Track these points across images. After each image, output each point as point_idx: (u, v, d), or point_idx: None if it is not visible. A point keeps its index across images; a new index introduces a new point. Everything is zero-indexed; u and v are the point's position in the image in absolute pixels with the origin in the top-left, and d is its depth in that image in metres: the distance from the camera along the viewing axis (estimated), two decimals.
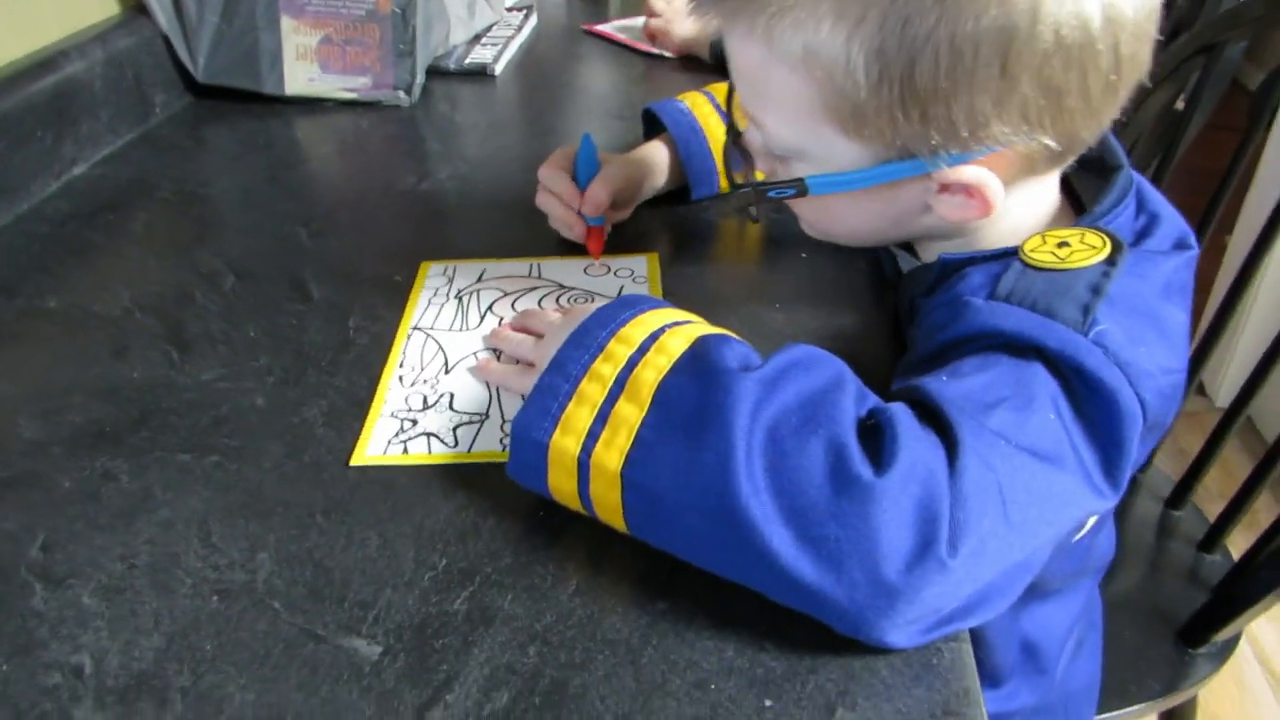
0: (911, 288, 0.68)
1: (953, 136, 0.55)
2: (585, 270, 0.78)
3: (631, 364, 0.52)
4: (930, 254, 0.68)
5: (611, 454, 0.49)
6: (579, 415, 0.51)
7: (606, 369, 0.52)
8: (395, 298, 0.75)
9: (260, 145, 1.06)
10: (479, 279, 0.77)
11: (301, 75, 1.14)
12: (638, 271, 0.77)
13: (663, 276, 0.76)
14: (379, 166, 1.00)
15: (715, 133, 0.86)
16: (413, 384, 0.65)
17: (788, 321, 0.70)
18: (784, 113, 0.58)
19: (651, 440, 0.48)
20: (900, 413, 0.47)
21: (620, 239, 0.82)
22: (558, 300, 0.73)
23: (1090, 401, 0.51)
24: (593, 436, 0.50)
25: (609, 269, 0.77)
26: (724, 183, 0.87)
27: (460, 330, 0.71)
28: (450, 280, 0.77)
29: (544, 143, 1.06)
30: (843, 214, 0.64)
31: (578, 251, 0.79)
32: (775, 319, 0.71)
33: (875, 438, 0.47)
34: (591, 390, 0.52)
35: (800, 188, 0.60)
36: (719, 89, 0.90)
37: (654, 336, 0.53)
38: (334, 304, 0.74)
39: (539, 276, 0.77)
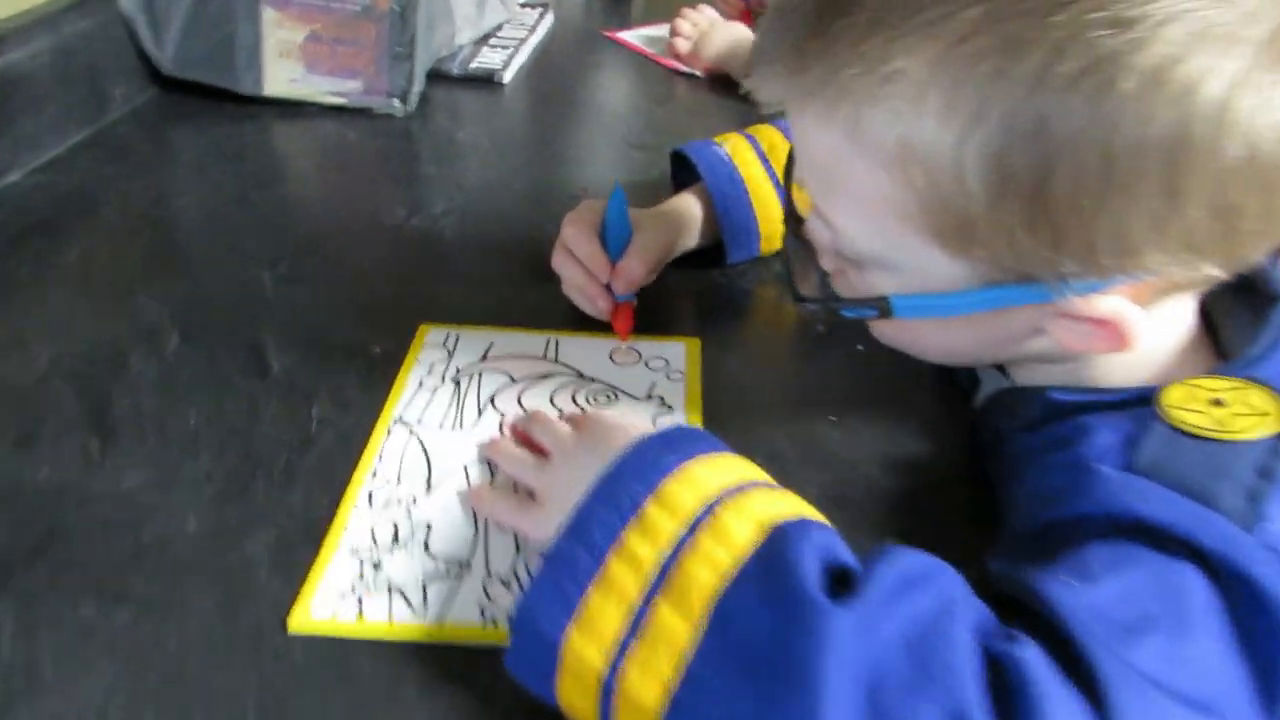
0: (999, 415, 0.55)
1: (1090, 263, 0.42)
2: (611, 356, 0.65)
3: (678, 548, 0.39)
4: (1026, 376, 0.55)
5: (649, 684, 0.37)
6: (605, 612, 0.39)
7: (644, 549, 0.40)
8: (371, 378, 0.62)
9: (230, 155, 0.92)
10: (484, 355, 0.64)
11: (283, 75, 1.00)
12: (673, 362, 0.64)
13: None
14: (364, 192, 0.87)
15: (758, 187, 0.73)
16: (385, 504, 0.52)
17: (846, 442, 0.58)
18: (865, 214, 0.45)
19: (706, 678, 0.36)
20: (1034, 666, 0.35)
21: (642, 309, 0.69)
22: (574, 398, 0.61)
23: (1253, 617, 0.39)
24: (623, 649, 0.38)
25: (639, 356, 0.65)
26: (765, 246, 0.75)
27: (453, 428, 0.58)
28: (450, 354, 0.64)
29: (555, 172, 0.92)
30: (930, 335, 0.52)
31: (601, 326, 0.66)
32: (831, 438, 0.58)
33: (1005, 698, 0.35)
34: (622, 576, 0.39)
35: (883, 309, 0.47)
36: (763, 134, 0.77)
37: (709, 509, 0.41)
38: (296, 382, 0.61)
39: (555, 359, 0.64)
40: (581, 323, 0.67)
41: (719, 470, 0.43)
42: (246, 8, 0.97)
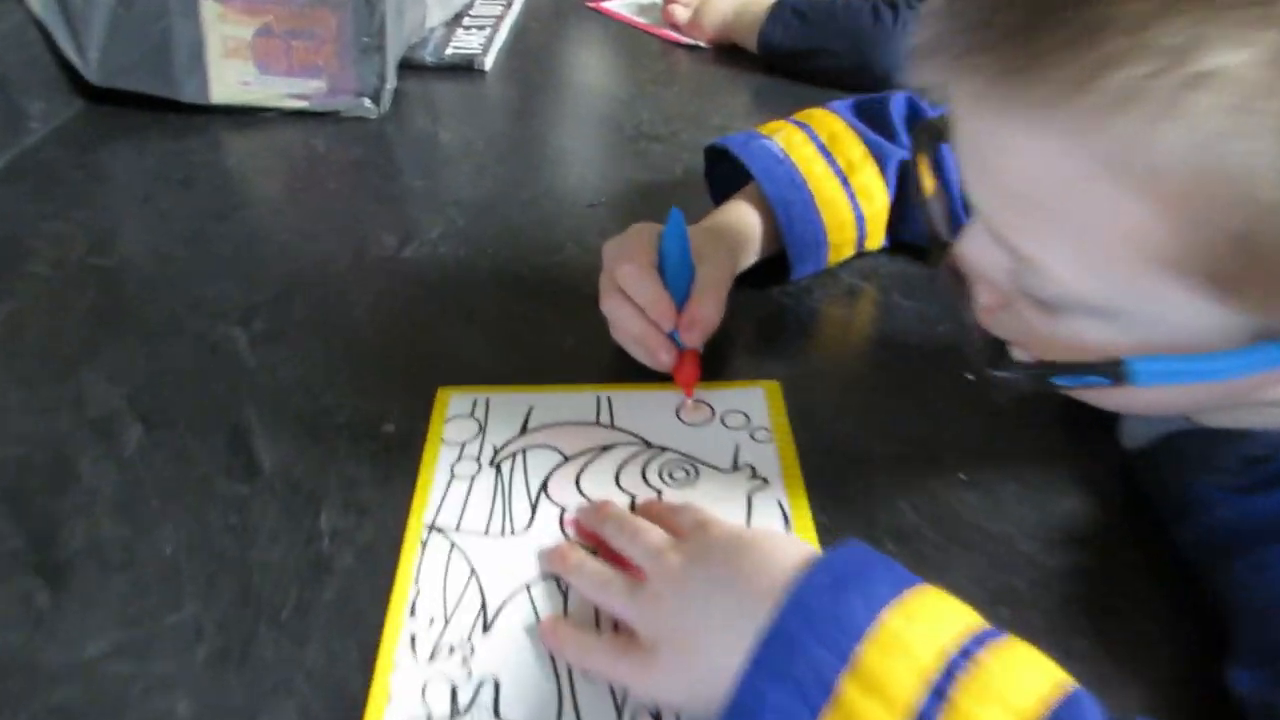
0: (1176, 461, 0.45)
1: None
2: (678, 412, 0.53)
3: None
4: (1218, 416, 0.45)
5: None
6: None
7: None
8: (389, 468, 0.50)
9: (177, 180, 0.78)
10: (523, 427, 0.52)
11: (233, 78, 0.85)
12: (754, 415, 0.53)
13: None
14: (345, 216, 0.74)
15: (823, 188, 0.61)
16: (433, 653, 0.40)
17: (986, 508, 0.47)
18: (1094, 252, 0.34)
19: None
20: None
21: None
22: (644, 475, 0.49)
23: None
24: None
25: (712, 412, 0.53)
26: (833, 256, 0.63)
27: (502, 533, 0.46)
28: (481, 427, 0.52)
29: (561, 176, 0.80)
30: (1152, 396, 0.40)
31: (659, 374, 0.55)
32: (967, 504, 0.47)
33: None
34: None
35: (1117, 375, 0.36)
36: (819, 121, 0.65)
37: (937, 696, 0.30)
38: (295, 481, 0.49)
39: (611, 422, 0.52)
40: (633, 370, 0.55)
41: (925, 622, 0.32)
42: (181, 2, 0.82)
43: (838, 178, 0.62)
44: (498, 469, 0.50)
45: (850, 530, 0.46)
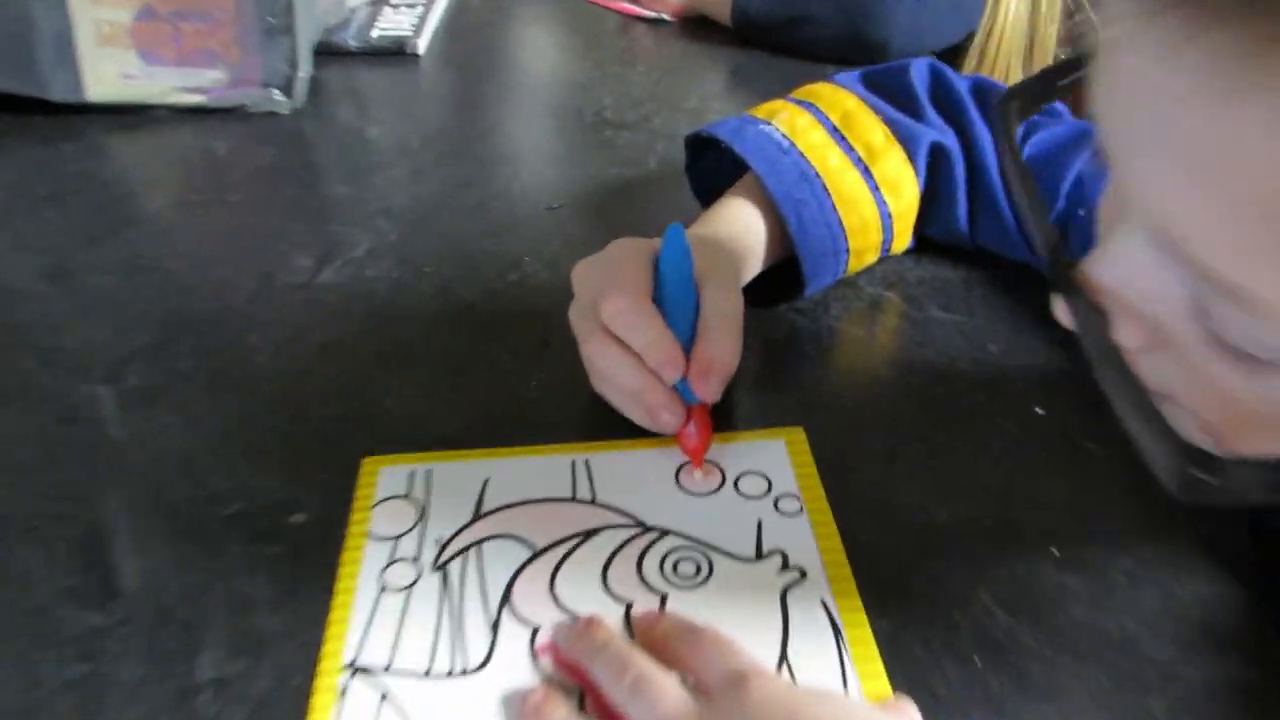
0: None
1: None
2: (678, 476, 0.41)
3: None
4: None
5: None
6: None
7: None
8: (294, 579, 0.37)
9: (42, 196, 0.64)
10: (476, 511, 0.40)
11: (111, 70, 0.71)
12: (778, 478, 0.41)
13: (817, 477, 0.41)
14: (248, 235, 0.60)
15: (839, 182, 0.49)
16: None
17: (1094, 594, 0.36)
18: None
19: None
20: None
21: None
22: (641, 572, 0.37)
23: None
24: None
25: (722, 477, 0.41)
26: (854, 263, 0.51)
27: (452, 675, 0.33)
28: (422, 510, 0.40)
29: (513, 175, 0.67)
30: None
31: (647, 431, 0.43)
32: (1069, 590, 0.36)
33: None
34: None
35: None
36: (826, 98, 0.53)
37: None
38: (166, 605, 0.36)
39: (593, 496, 0.40)
40: (616, 422, 0.43)
41: None
42: None
43: (857, 168, 0.50)
44: (443, 574, 0.37)
45: (924, 642, 0.34)
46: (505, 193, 0.64)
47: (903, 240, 0.52)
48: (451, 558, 0.38)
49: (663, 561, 0.38)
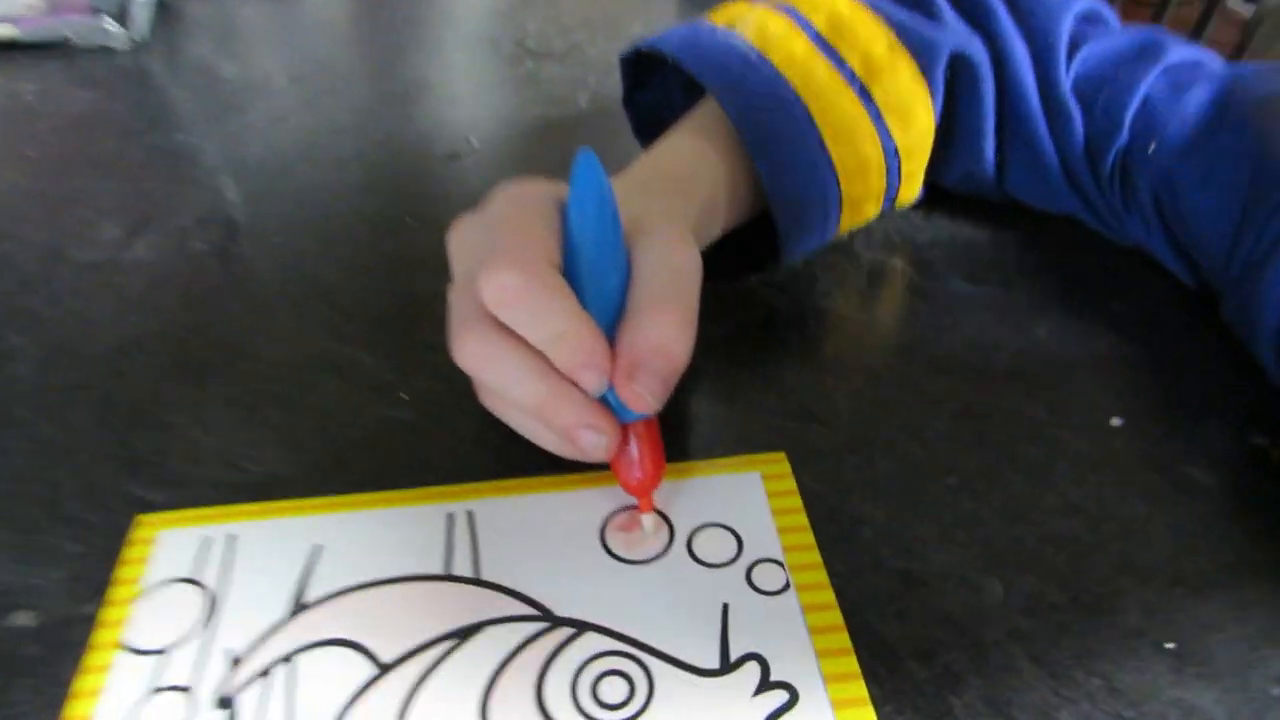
0: None
1: None
2: (603, 538, 0.28)
3: None
4: None
5: None
6: None
7: None
8: (14, 714, 0.23)
9: None
10: (295, 598, 0.26)
11: None
12: (752, 534, 0.28)
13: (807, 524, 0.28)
14: (40, 201, 0.45)
15: (826, 104, 0.36)
16: None
17: (1194, 667, 0.23)
18: None
19: None
20: None
21: None
22: (541, 688, 0.24)
23: None
24: None
25: (669, 535, 0.28)
26: (849, 217, 0.38)
27: None
28: (211, 605, 0.26)
29: (408, 114, 0.52)
30: None
31: (573, 466, 0.29)
32: (1163, 667, 0.23)
33: None
34: None
35: None
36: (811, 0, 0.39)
37: None
38: None
39: (476, 574, 0.26)
40: (521, 455, 0.29)
41: None
42: None
43: (851, 87, 0.36)
44: (231, 713, 0.23)
45: None
46: (392, 140, 0.49)
47: (912, 186, 0.39)
48: (247, 683, 0.24)
49: (577, 677, 0.24)
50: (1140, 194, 0.37)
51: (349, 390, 0.33)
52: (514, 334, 0.27)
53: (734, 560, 0.27)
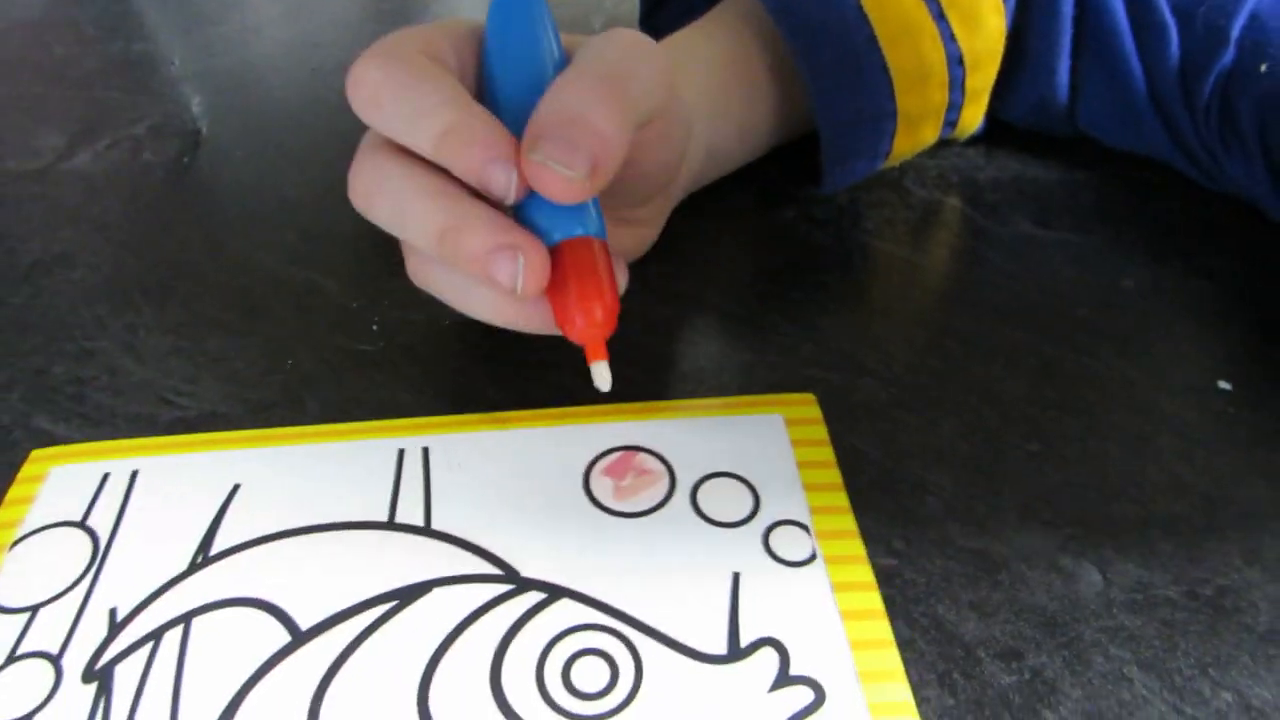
0: None
1: None
2: (586, 482, 0.22)
3: None
4: None
5: None
6: None
7: None
8: None
9: None
10: (201, 546, 0.21)
11: None
12: (772, 484, 0.22)
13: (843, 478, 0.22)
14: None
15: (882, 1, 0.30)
16: None
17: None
18: None
19: None
20: None
21: (638, 318, 0.27)
22: (497, 670, 0.18)
23: None
24: None
25: (670, 483, 0.22)
26: (904, 139, 0.32)
27: None
28: (95, 552, 0.21)
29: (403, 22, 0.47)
30: None
31: (542, 384, 0.24)
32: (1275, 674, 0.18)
33: None
34: None
35: None
36: None
37: None
38: None
39: (426, 523, 0.21)
40: (500, 392, 0.24)
41: None
42: None
43: None
44: (103, 686, 0.18)
45: None
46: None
47: (977, 108, 0.34)
48: (128, 651, 0.19)
49: (545, 656, 0.19)
50: (1243, 124, 0.32)
51: (307, 320, 0.28)
52: (411, 156, 0.21)
53: (748, 520, 0.22)
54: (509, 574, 0.20)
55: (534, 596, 0.20)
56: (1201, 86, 0.32)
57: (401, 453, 0.23)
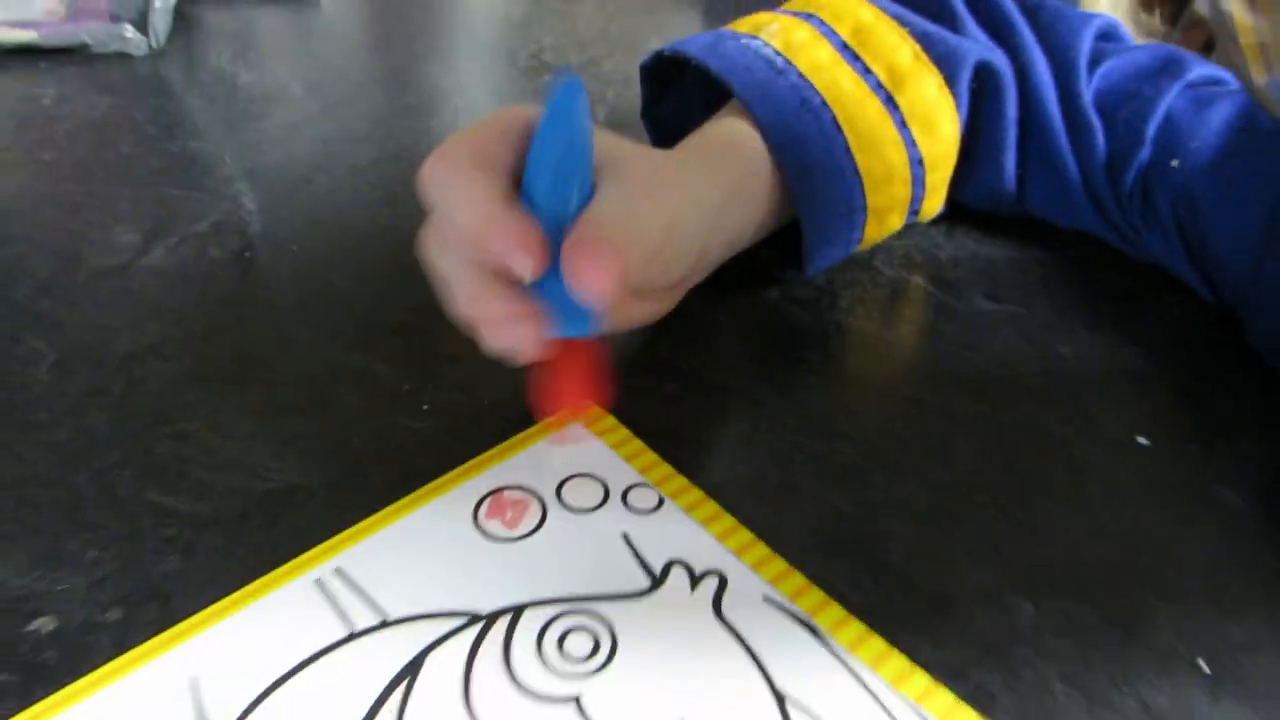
0: None
1: None
2: (475, 520, 0.28)
3: None
4: None
5: None
6: None
7: None
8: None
9: None
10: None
11: None
12: (610, 473, 0.29)
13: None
14: (56, 205, 0.45)
15: (853, 112, 0.35)
16: None
17: None
18: None
19: None
20: None
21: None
22: (510, 666, 0.23)
23: None
24: None
25: (542, 510, 0.28)
26: (873, 228, 0.38)
27: None
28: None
29: (424, 125, 0.52)
30: None
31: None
32: None
33: None
34: None
35: None
36: (834, 8, 0.39)
37: None
38: None
39: (381, 621, 0.25)
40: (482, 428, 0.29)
41: None
42: None
43: (877, 95, 0.36)
44: None
45: None
46: (409, 151, 0.49)
47: (936, 198, 0.39)
48: None
49: (540, 649, 0.24)
50: (1161, 211, 0.37)
51: (367, 400, 0.33)
52: (459, 234, 0.27)
53: (606, 499, 0.28)
54: (474, 616, 0.25)
55: (505, 620, 0.25)
56: (1125, 178, 0.37)
57: (319, 582, 0.26)
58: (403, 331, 0.36)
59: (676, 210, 0.29)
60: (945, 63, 0.36)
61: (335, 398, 0.33)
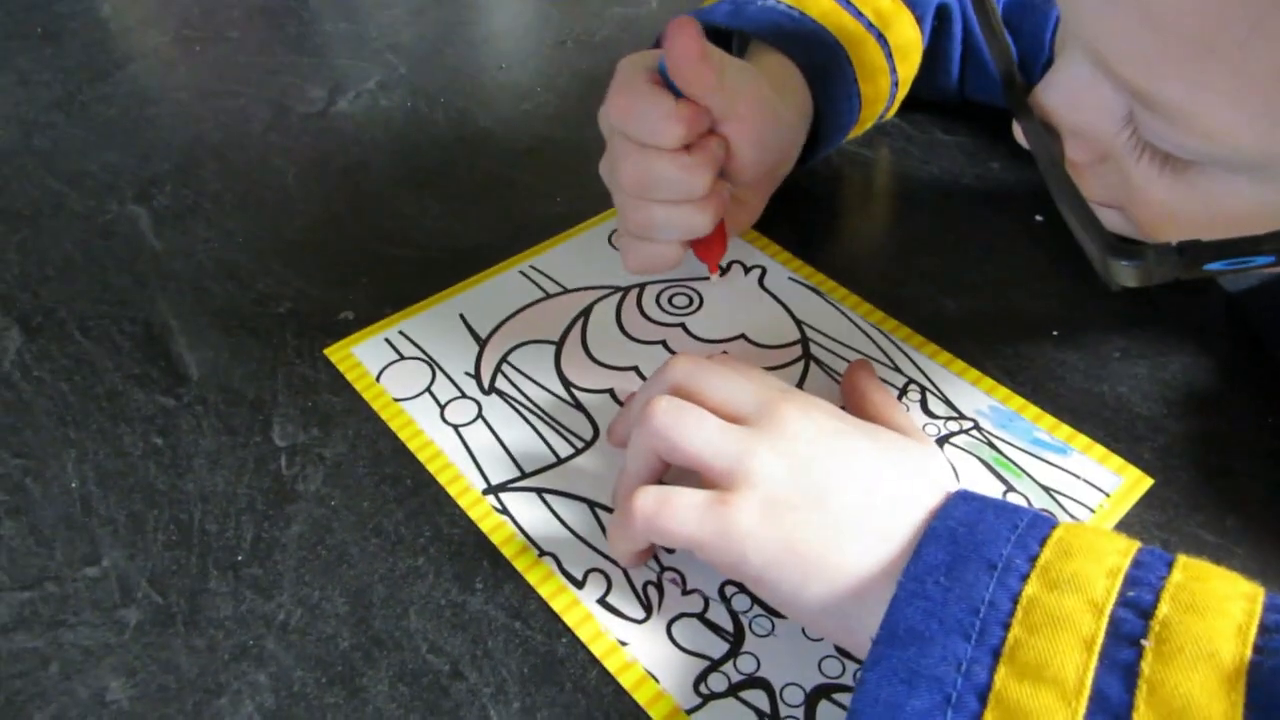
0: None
1: None
2: (610, 240, 0.45)
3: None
4: None
5: None
6: None
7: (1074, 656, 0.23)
8: (336, 373, 0.39)
9: (37, 35, 0.63)
10: (476, 337, 0.41)
11: None
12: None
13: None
14: (253, 70, 0.60)
15: (859, 51, 0.47)
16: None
17: (1090, 367, 0.39)
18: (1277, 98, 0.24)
19: None
20: None
21: None
22: (642, 311, 0.42)
23: None
24: None
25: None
26: (854, 132, 0.51)
27: (578, 452, 0.36)
28: (429, 359, 0.40)
29: (519, 10, 0.67)
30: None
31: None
32: (1069, 364, 0.40)
33: None
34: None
35: None
36: None
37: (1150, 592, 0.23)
38: (232, 388, 0.38)
39: (563, 288, 0.43)
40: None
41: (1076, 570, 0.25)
42: None
43: (871, 33, 0.48)
44: (497, 392, 0.38)
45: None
46: (509, 30, 0.64)
47: (896, 107, 0.52)
48: (493, 377, 0.39)
49: (658, 299, 0.42)
50: None
51: (519, 194, 0.49)
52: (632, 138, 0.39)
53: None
54: (614, 286, 0.42)
55: (635, 288, 0.41)
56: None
57: (520, 272, 0.44)
58: (532, 149, 0.52)
59: (774, 110, 0.42)
60: (915, 5, 0.50)
61: (494, 194, 0.49)
